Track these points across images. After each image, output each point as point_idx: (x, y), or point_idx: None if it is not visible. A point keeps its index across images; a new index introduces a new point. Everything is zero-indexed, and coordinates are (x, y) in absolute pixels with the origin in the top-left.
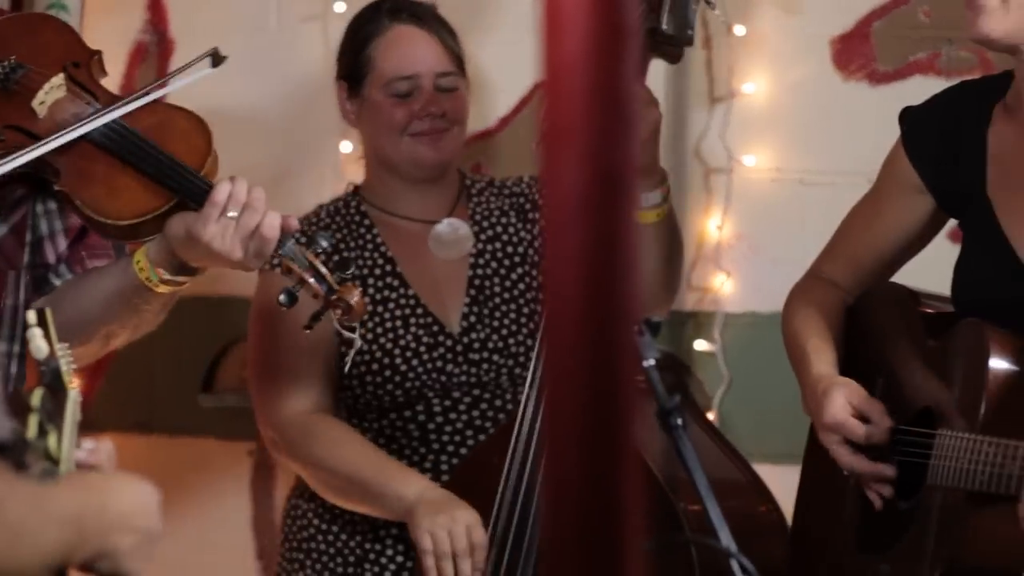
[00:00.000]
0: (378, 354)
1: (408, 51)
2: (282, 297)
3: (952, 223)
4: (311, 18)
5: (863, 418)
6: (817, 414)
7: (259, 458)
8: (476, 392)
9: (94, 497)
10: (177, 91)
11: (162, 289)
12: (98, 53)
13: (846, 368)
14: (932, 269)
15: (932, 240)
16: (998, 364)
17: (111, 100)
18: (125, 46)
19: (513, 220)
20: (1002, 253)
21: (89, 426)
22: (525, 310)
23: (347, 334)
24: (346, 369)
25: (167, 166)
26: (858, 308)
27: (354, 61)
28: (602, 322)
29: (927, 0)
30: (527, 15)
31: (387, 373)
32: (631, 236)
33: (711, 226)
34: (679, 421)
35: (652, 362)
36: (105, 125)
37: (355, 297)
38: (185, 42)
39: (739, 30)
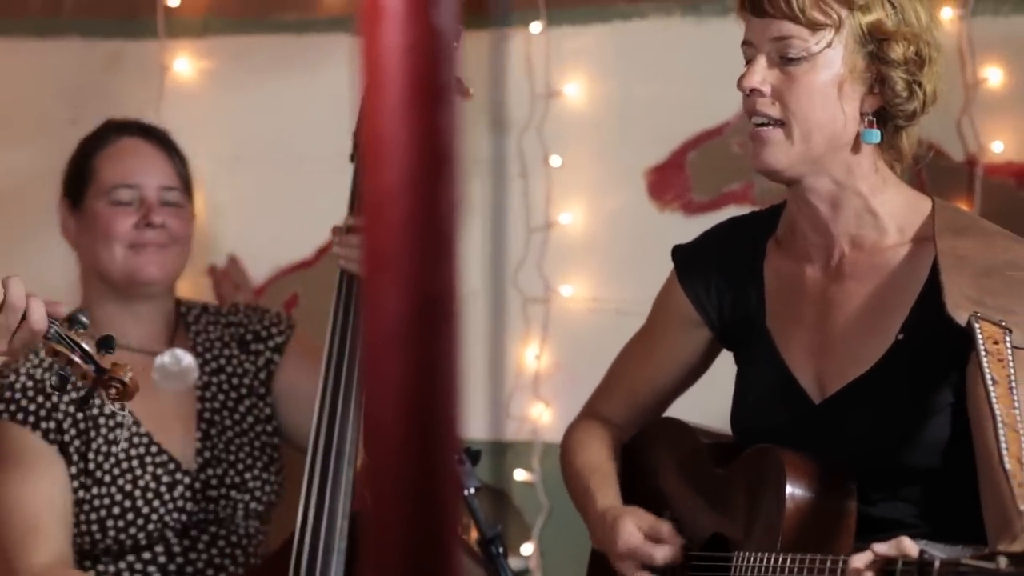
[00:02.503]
0: (118, 496)
1: (133, 161)
2: (53, 380)
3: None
4: None
5: (655, 540)
6: (610, 545)
7: None
8: (213, 529)
9: None
10: None
11: None
12: None
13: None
14: None
15: (705, 372)
16: (794, 488)
17: None
18: None
19: (236, 351)
20: (785, 382)
21: None
22: (257, 443)
23: (118, 412)
24: (119, 448)
25: None
26: (635, 445)
27: (76, 174)
28: (423, 450)
29: (740, 131)
30: (343, 146)
31: (129, 516)
32: (452, 364)
33: (529, 356)
34: (500, 549)
35: (473, 490)
36: None
37: (128, 374)
38: None
39: (555, 160)
